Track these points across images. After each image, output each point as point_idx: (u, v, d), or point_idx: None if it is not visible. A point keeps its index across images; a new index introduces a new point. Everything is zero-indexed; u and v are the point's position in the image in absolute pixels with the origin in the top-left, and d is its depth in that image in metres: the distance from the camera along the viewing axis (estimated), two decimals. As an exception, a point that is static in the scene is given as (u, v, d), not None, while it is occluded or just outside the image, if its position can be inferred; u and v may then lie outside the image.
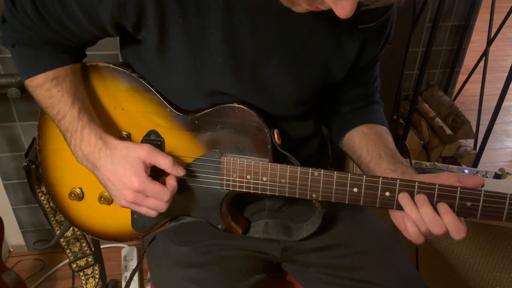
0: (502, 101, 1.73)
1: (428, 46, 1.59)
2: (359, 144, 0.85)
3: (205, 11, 0.65)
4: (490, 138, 1.86)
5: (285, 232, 0.85)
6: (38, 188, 1.04)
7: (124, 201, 0.71)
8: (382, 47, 0.80)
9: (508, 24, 2.03)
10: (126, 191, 0.70)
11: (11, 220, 1.69)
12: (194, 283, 0.78)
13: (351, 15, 0.53)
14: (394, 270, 0.83)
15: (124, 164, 0.70)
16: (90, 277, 1.26)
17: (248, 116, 0.73)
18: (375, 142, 0.83)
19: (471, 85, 2.24)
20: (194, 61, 0.69)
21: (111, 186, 0.71)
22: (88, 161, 0.73)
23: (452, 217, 0.66)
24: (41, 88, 0.74)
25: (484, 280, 1.38)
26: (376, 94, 0.91)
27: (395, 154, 0.80)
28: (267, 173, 0.74)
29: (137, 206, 0.72)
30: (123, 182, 0.69)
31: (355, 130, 0.87)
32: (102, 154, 0.71)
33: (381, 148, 0.81)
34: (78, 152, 0.73)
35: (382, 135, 0.85)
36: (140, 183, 0.69)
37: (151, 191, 0.70)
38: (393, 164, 0.77)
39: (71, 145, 0.74)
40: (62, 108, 0.73)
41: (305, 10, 0.60)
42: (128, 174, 0.69)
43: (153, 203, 0.71)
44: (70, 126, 0.73)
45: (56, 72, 0.73)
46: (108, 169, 0.70)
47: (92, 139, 0.72)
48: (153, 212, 0.73)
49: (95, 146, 0.71)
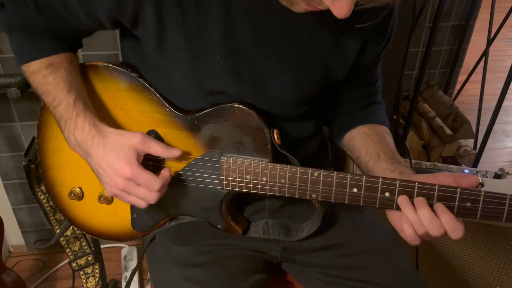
0: (502, 101, 1.73)
1: (428, 46, 1.60)
2: (359, 144, 0.85)
3: (204, 10, 0.65)
4: (490, 138, 1.86)
5: (285, 232, 0.85)
6: (37, 187, 1.04)
7: (115, 188, 0.71)
8: (383, 48, 0.79)
9: (508, 24, 2.03)
10: (117, 178, 0.70)
11: (11, 220, 1.69)
12: (194, 283, 0.78)
13: (349, 15, 0.53)
14: (394, 270, 0.83)
15: (116, 151, 0.70)
16: (90, 276, 1.26)
17: (248, 116, 0.73)
18: (375, 142, 0.83)
19: (471, 85, 2.24)
20: (194, 60, 0.69)
21: (103, 173, 0.71)
22: (81, 148, 0.73)
23: (449, 216, 0.66)
24: (36, 75, 0.74)
25: (484, 280, 1.38)
26: (377, 94, 0.91)
27: (394, 154, 0.80)
28: (267, 173, 0.74)
29: (127, 194, 0.72)
30: (114, 169, 0.69)
31: (355, 130, 0.87)
32: (95, 141, 0.71)
33: (381, 148, 0.81)
34: (71, 139, 0.73)
35: (382, 136, 0.85)
36: (131, 171, 0.69)
37: (141, 179, 0.69)
38: (391, 164, 0.77)
39: (65, 132, 0.74)
40: (57, 95, 0.73)
41: (304, 10, 0.59)
42: (119, 161, 0.69)
43: (143, 192, 0.70)
44: (64, 113, 0.73)
45: (51, 60, 0.74)
46: (100, 156, 0.70)
47: (86, 126, 0.72)
48: (143, 202, 0.72)
49: (88, 133, 0.71)
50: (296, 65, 0.73)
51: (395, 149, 0.82)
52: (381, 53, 0.81)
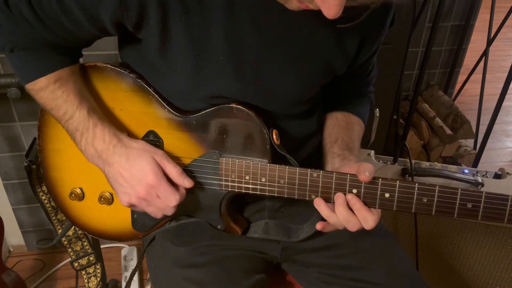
0: (502, 101, 1.73)
1: (428, 46, 1.59)
2: (326, 126, 0.88)
3: (207, 9, 0.65)
4: (490, 138, 1.85)
5: (285, 233, 0.85)
6: (39, 188, 1.04)
7: (135, 197, 0.71)
8: (379, 43, 0.81)
9: (508, 24, 2.03)
10: (139, 186, 0.70)
11: (11, 220, 1.69)
12: (194, 283, 0.78)
13: (338, 16, 0.53)
14: (394, 270, 0.83)
15: (140, 161, 0.71)
16: (92, 276, 1.26)
17: (246, 117, 0.73)
18: (340, 128, 0.85)
19: (471, 85, 2.24)
20: (197, 59, 0.69)
21: (123, 182, 0.71)
22: (100, 158, 0.73)
23: (360, 206, 0.69)
24: (44, 91, 0.73)
25: (484, 280, 1.38)
26: (368, 86, 0.93)
27: (350, 142, 0.83)
28: (266, 173, 0.74)
29: (147, 203, 0.72)
30: (137, 177, 0.70)
31: (330, 114, 0.89)
32: (117, 151, 0.72)
33: (341, 134, 0.84)
34: (90, 149, 0.73)
35: (351, 124, 0.87)
36: (156, 179, 0.70)
37: (163, 190, 0.71)
38: (341, 150, 0.80)
39: (82, 144, 0.74)
40: (69, 109, 0.73)
41: (297, 8, 0.60)
42: (145, 170, 0.70)
43: (162, 204, 0.72)
44: (80, 125, 0.73)
45: (58, 74, 0.73)
46: (122, 165, 0.71)
47: (106, 136, 0.72)
48: (160, 213, 0.74)
49: (109, 143, 0.72)
50: (299, 62, 0.73)
51: (356, 139, 0.85)
52: (378, 48, 0.82)
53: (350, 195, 0.70)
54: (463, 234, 1.32)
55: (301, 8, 0.59)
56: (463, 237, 1.33)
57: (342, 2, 0.52)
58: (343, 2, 0.52)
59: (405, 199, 0.69)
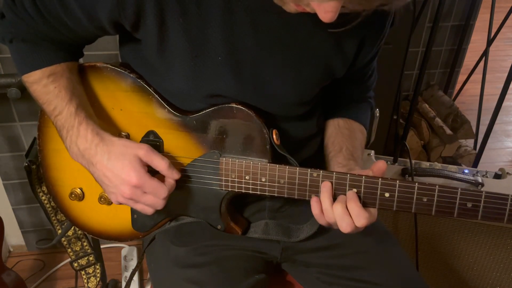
0: (502, 101, 1.73)
1: (428, 46, 1.59)
2: (329, 134, 0.87)
3: (205, 10, 0.65)
4: (490, 138, 1.86)
5: (285, 233, 0.85)
6: (39, 188, 1.04)
7: (121, 197, 0.71)
8: (379, 46, 0.80)
9: (508, 24, 2.03)
10: (123, 186, 0.69)
11: (11, 220, 1.69)
12: (194, 283, 0.78)
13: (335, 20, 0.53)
14: (394, 270, 0.83)
15: (122, 160, 0.69)
16: (91, 276, 1.26)
17: (246, 117, 0.73)
18: (343, 136, 0.85)
19: (471, 85, 2.24)
20: (195, 60, 0.69)
21: (108, 182, 0.71)
22: (83, 158, 0.72)
23: (355, 204, 0.68)
24: (37, 84, 0.73)
25: (484, 280, 1.38)
26: (369, 91, 0.92)
27: (355, 152, 0.83)
28: (266, 173, 0.74)
29: (134, 202, 0.72)
30: (120, 177, 0.69)
31: (332, 120, 0.89)
32: (99, 150, 0.71)
33: (345, 143, 0.83)
34: (73, 148, 0.73)
35: (353, 132, 0.87)
36: (138, 178, 0.68)
37: (149, 186, 0.69)
38: (346, 160, 0.80)
39: (67, 142, 0.73)
40: (58, 104, 0.73)
41: (295, 11, 0.60)
42: (126, 169, 0.69)
43: (150, 199, 0.71)
44: (66, 122, 0.73)
45: (53, 69, 0.73)
46: (104, 165, 0.70)
47: (89, 134, 0.71)
48: (150, 209, 0.72)
49: (91, 142, 0.71)
50: (297, 64, 0.73)
51: (359, 147, 0.85)
52: (378, 51, 0.82)
53: (350, 192, 0.69)
54: (463, 234, 1.32)
55: (298, 11, 0.59)
56: (463, 237, 1.33)
57: (337, 8, 0.52)
58: (337, 8, 0.52)
59: (405, 199, 0.69)
